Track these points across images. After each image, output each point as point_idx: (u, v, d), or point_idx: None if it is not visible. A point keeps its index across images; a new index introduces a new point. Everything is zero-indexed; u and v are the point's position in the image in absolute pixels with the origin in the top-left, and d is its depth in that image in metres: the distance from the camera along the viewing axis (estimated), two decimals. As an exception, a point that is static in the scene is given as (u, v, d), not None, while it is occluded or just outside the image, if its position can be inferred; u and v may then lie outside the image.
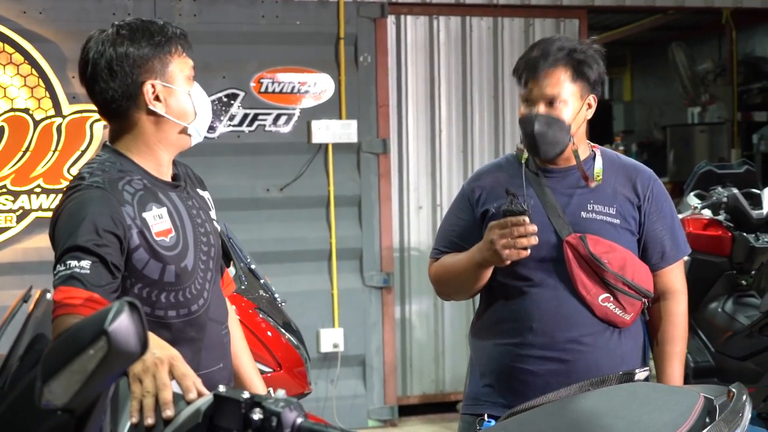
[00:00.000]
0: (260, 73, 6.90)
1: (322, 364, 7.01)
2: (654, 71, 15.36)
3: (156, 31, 2.77)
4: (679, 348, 3.43)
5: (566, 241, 3.25)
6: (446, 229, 3.49)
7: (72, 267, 2.53)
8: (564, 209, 3.30)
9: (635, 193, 3.37)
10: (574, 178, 3.35)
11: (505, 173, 3.42)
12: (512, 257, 3.10)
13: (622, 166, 3.43)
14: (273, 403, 1.74)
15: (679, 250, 3.44)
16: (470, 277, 3.31)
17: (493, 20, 7.49)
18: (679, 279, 3.45)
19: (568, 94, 3.27)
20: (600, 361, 3.28)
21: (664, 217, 3.40)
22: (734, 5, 8.31)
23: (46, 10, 6.49)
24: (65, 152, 6.46)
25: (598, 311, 3.27)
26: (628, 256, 3.30)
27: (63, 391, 1.59)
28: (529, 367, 3.30)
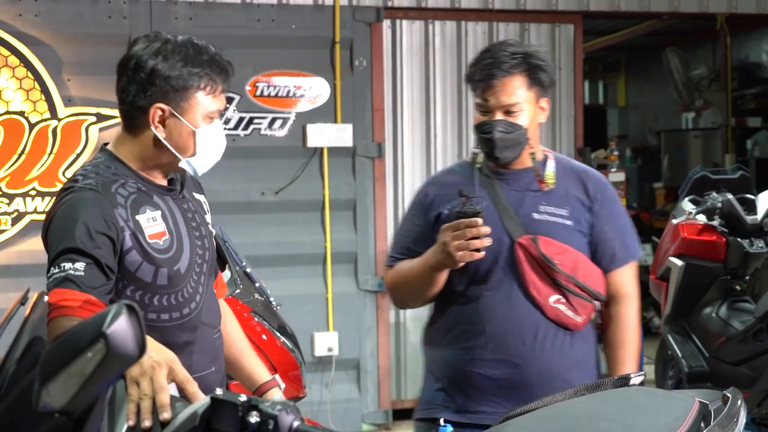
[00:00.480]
0: (256, 76, 6.90)
1: (316, 367, 7.01)
2: (648, 76, 15.36)
3: (197, 60, 2.74)
4: (630, 352, 3.43)
5: (518, 243, 3.27)
6: (401, 236, 3.49)
7: (66, 269, 2.53)
8: (516, 211, 3.31)
9: (586, 195, 3.38)
10: (526, 180, 3.37)
11: (458, 177, 3.43)
12: (465, 259, 3.10)
13: (574, 170, 3.45)
14: (270, 407, 1.74)
15: (629, 254, 3.45)
16: (425, 282, 3.30)
17: (488, 25, 7.49)
18: (629, 283, 3.45)
19: (524, 101, 3.27)
20: (552, 364, 3.30)
21: (614, 220, 3.42)
22: (729, 11, 8.33)
23: (42, 13, 6.48)
24: (60, 155, 6.46)
25: (549, 313, 3.28)
26: (580, 258, 3.32)
27: (61, 393, 1.59)
28: (481, 371, 3.31)
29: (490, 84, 3.25)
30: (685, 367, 6.02)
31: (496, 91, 3.25)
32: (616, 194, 3.50)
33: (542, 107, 3.35)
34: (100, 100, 6.36)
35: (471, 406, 3.33)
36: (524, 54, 3.28)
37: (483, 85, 3.27)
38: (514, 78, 3.25)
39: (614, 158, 9.35)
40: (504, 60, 3.25)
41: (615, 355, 3.43)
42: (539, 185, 3.35)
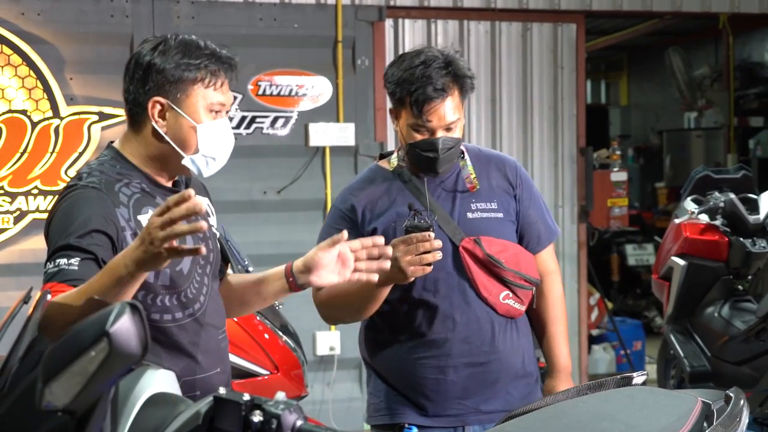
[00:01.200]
0: (258, 75, 6.90)
1: (318, 366, 7.01)
2: (650, 76, 15.36)
3: (194, 54, 2.74)
4: (561, 327, 3.52)
5: (462, 247, 3.30)
6: None
7: (60, 265, 2.55)
8: (451, 214, 3.33)
9: (508, 183, 3.42)
10: (451, 181, 3.38)
11: (380, 187, 3.40)
12: (417, 274, 3.07)
13: (488, 159, 3.47)
14: (273, 406, 1.74)
15: (552, 233, 3.52)
16: (368, 298, 3.23)
17: (490, 24, 7.49)
18: (552, 260, 3.54)
19: (459, 114, 3.28)
20: (510, 356, 3.37)
21: (535, 202, 3.48)
22: (731, 10, 8.32)
23: (45, 11, 6.49)
24: (63, 154, 6.46)
25: (500, 309, 3.35)
26: (519, 251, 3.39)
27: (64, 392, 1.59)
28: (446, 377, 3.34)
29: (430, 105, 3.21)
30: (687, 366, 6.02)
31: (437, 111, 3.22)
32: (528, 175, 3.54)
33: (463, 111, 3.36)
34: (103, 99, 6.36)
35: (437, 410, 3.35)
36: (449, 64, 3.26)
37: (423, 107, 3.21)
38: (451, 96, 3.24)
39: (616, 158, 9.35)
40: (437, 77, 3.22)
41: (548, 332, 3.51)
42: (469, 189, 3.37)
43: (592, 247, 8.56)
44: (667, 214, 10.62)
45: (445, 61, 3.26)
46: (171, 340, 2.73)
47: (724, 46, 12.01)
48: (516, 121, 7.64)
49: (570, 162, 7.78)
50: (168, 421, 1.84)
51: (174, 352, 2.74)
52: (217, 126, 2.78)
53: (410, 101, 3.23)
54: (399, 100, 3.28)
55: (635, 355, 8.54)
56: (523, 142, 7.63)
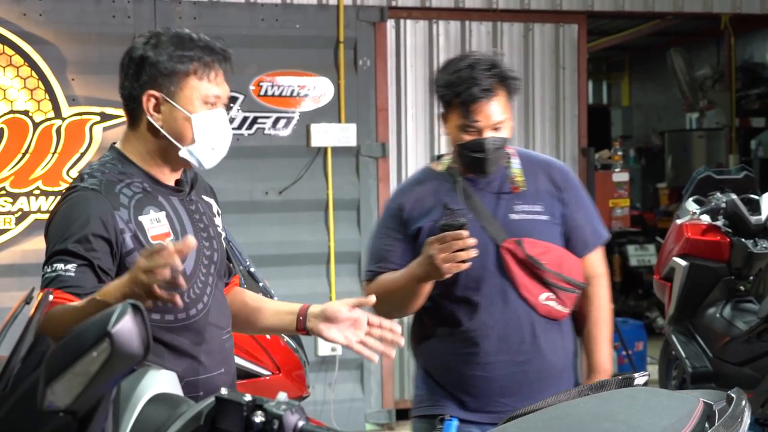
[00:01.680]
0: (260, 76, 6.90)
1: (320, 367, 7.01)
2: (652, 77, 15.36)
3: (187, 46, 2.73)
4: (605, 330, 3.56)
5: (503, 247, 3.36)
6: (379, 250, 3.52)
7: (57, 270, 2.55)
8: (494, 214, 3.39)
9: (555, 186, 3.47)
10: (497, 182, 3.44)
11: (430, 187, 3.47)
12: (452, 271, 3.14)
13: (538, 163, 3.54)
14: (275, 406, 1.74)
15: (599, 237, 3.56)
16: (410, 294, 3.34)
17: (492, 25, 7.49)
18: (600, 263, 3.58)
19: (507, 115, 3.35)
20: (550, 357, 3.43)
21: (583, 206, 3.53)
22: (733, 11, 8.32)
23: (46, 12, 6.49)
24: (64, 154, 6.47)
25: (541, 310, 3.40)
26: (562, 254, 3.43)
27: (66, 392, 1.59)
28: (485, 373, 3.40)
29: (478, 105, 3.29)
30: (689, 367, 6.01)
31: (484, 111, 3.30)
32: (579, 181, 3.61)
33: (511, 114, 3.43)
34: (105, 100, 6.36)
35: (477, 406, 3.42)
36: (495, 67, 3.34)
37: (470, 107, 3.29)
38: (499, 97, 3.32)
39: (618, 158, 9.35)
40: (483, 79, 3.30)
41: (591, 334, 3.55)
42: (512, 190, 3.42)
43: (594, 248, 8.53)
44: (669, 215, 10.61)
45: (491, 64, 3.35)
46: (174, 341, 2.72)
47: (726, 47, 12.01)
48: (518, 121, 7.63)
49: (572, 162, 7.78)
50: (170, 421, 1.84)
51: (177, 352, 2.74)
52: (213, 116, 2.77)
53: (458, 102, 3.31)
54: (447, 103, 3.36)
55: (637, 356, 8.54)
56: (525, 143, 7.63)
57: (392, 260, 3.44)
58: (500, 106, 3.31)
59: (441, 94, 3.38)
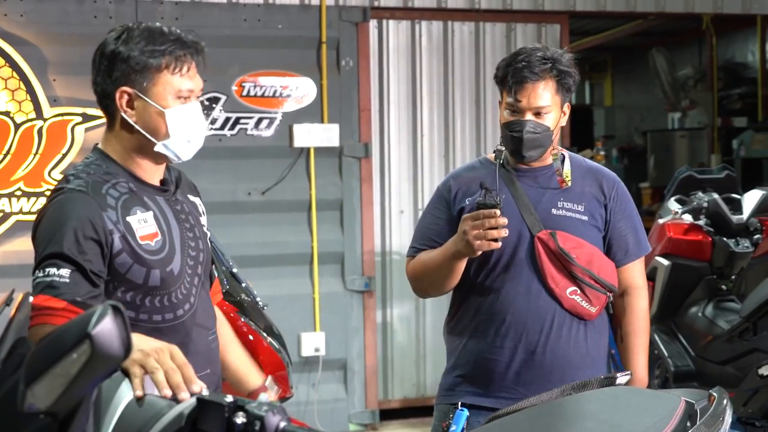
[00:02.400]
0: (242, 76, 6.89)
1: (303, 368, 7.01)
2: (634, 77, 15.40)
3: (158, 40, 2.72)
4: (642, 340, 3.66)
5: (537, 237, 3.45)
6: (423, 228, 3.63)
7: (51, 275, 2.53)
8: (536, 207, 3.48)
9: (602, 193, 3.57)
10: (545, 177, 3.55)
11: (480, 173, 3.58)
12: (483, 248, 3.24)
13: (589, 169, 3.64)
14: (256, 407, 1.74)
15: (641, 248, 3.65)
16: (445, 270, 3.44)
17: (474, 25, 7.50)
18: (639, 275, 3.67)
19: (552, 104, 3.44)
20: (568, 352, 3.49)
21: (628, 216, 3.62)
22: (714, 11, 8.34)
23: (27, 12, 6.47)
24: (46, 155, 6.44)
25: (566, 303, 3.47)
26: (595, 252, 3.50)
27: (46, 394, 1.59)
28: (500, 357, 3.49)
29: (523, 86, 3.41)
30: (671, 366, 6.03)
31: (528, 93, 3.42)
32: (627, 192, 3.69)
33: (564, 111, 3.54)
34: (86, 101, 6.33)
35: (490, 391, 3.51)
36: (554, 59, 3.45)
37: (516, 87, 3.42)
38: (546, 82, 3.42)
39: (601, 158, 9.39)
40: (536, 64, 3.42)
41: (629, 343, 3.67)
42: (559, 184, 3.52)
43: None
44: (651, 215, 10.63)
45: (551, 56, 3.45)
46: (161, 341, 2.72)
47: (708, 47, 12.06)
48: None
49: (554, 162, 7.79)
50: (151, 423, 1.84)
51: None
52: (186, 110, 2.76)
53: (508, 81, 3.44)
54: (501, 81, 3.49)
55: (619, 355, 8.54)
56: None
57: (434, 238, 3.54)
58: (546, 93, 3.42)
59: (496, 74, 3.52)
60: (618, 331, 3.69)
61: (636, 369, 3.62)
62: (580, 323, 3.51)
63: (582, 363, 3.51)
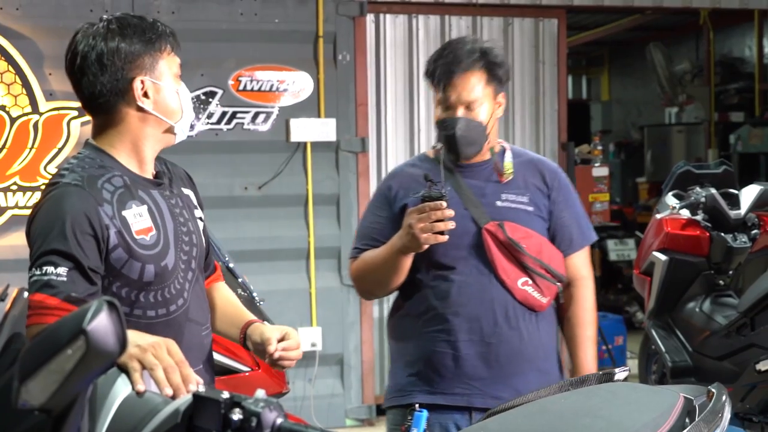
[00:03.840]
0: (239, 71, 6.88)
1: (299, 363, 6.90)
2: (632, 71, 15.41)
3: (147, 27, 2.77)
4: (589, 332, 3.60)
5: (485, 229, 3.41)
6: (365, 228, 3.58)
7: (48, 273, 2.51)
8: (480, 199, 3.45)
9: (544, 183, 3.53)
10: (486, 172, 3.51)
11: (420, 170, 3.51)
12: (429, 241, 3.21)
13: (530, 160, 3.61)
14: (253, 403, 1.73)
15: (585, 238, 3.61)
16: (391, 267, 3.40)
17: (472, 19, 7.49)
18: (585, 265, 3.62)
19: (483, 96, 3.40)
20: (522, 344, 3.45)
21: (571, 206, 3.58)
22: (712, 6, 8.34)
23: (23, 6, 6.45)
24: (42, 149, 6.42)
25: (518, 295, 3.43)
26: (543, 241, 3.48)
27: (40, 391, 1.58)
28: (455, 351, 3.44)
29: (451, 80, 3.37)
30: (668, 362, 6.03)
31: (457, 86, 3.37)
32: (569, 181, 3.66)
33: (499, 102, 3.49)
34: (82, 95, 6.31)
35: (445, 387, 3.45)
36: (482, 51, 3.42)
37: (444, 82, 3.38)
38: (474, 74, 3.38)
39: (598, 153, 9.37)
40: (463, 57, 3.38)
41: (575, 335, 3.60)
42: (498, 178, 3.48)
43: (574, 243, 8.55)
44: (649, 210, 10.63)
45: (478, 48, 3.42)
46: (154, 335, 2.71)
47: (705, 42, 12.07)
48: (497, 116, 7.63)
49: (551, 157, 7.78)
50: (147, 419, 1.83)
51: None
52: (185, 87, 2.86)
53: (435, 75, 3.40)
54: (430, 77, 3.45)
55: (617, 350, 8.55)
56: (505, 137, 7.62)
57: (377, 237, 3.49)
58: (475, 86, 3.37)
59: (425, 71, 3.48)
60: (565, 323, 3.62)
61: (583, 362, 3.56)
62: (533, 314, 3.46)
63: (535, 355, 3.47)
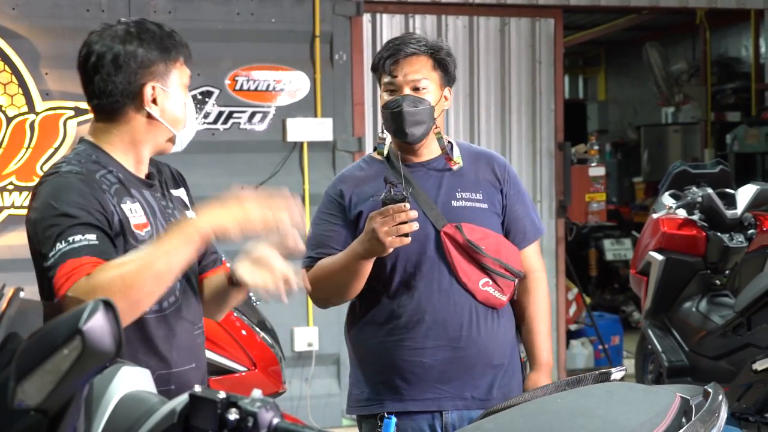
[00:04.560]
0: (235, 70, 6.87)
1: (296, 363, 7.00)
2: (628, 71, 15.42)
3: (164, 36, 2.79)
4: (545, 325, 3.59)
5: (443, 232, 3.38)
6: (318, 236, 3.49)
7: (77, 240, 2.47)
8: (435, 201, 3.42)
9: (495, 177, 3.51)
10: (437, 167, 3.48)
11: (369, 172, 3.50)
12: (394, 244, 3.16)
13: (478, 154, 3.59)
14: (249, 403, 1.72)
15: (537, 230, 3.62)
16: (351, 274, 3.33)
17: (468, 19, 7.49)
18: (537, 258, 3.63)
19: (429, 80, 3.42)
20: (487, 344, 3.43)
21: (521, 199, 3.56)
22: (708, 6, 8.35)
23: (20, 6, 6.44)
24: (38, 149, 6.42)
25: (479, 296, 3.41)
26: (501, 240, 3.46)
27: (36, 390, 1.57)
28: (423, 359, 3.40)
29: (397, 61, 3.39)
30: (665, 361, 6.03)
31: (403, 67, 3.40)
32: (517, 173, 3.64)
33: (446, 96, 3.51)
34: (79, 94, 6.23)
35: (415, 394, 3.41)
36: (427, 41, 3.46)
37: (390, 62, 3.40)
38: (420, 58, 3.41)
39: (594, 153, 9.37)
40: (409, 43, 3.42)
41: (531, 328, 3.59)
42: (447, 162, 3.46)
43: (570, 242, 8.57)
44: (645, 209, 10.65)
45: (426, 41, 3.46)
46: (143, 335, 2.71)
47: (702, 42, 12.07)
48: (494, 116, 7.64)
49: (548, 157, 7.79)
50: (143, 419, 1.83)
51: (147, 346, 2.72)
52: (190, 99, 2.88)
53: (382, 61, 3.43)
54: (377, 66, 3.47)
55: (613, 350, 8.56)
56: (501, 137, 7.63)
57: (332, 245, 3.43)
58: (421, 67, 3.39)
59: (373, 63, 3.51)
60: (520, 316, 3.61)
61: (540, 353, 3.55)
62: (494, 313, 3.44)
63: (500, 351, 3.45)
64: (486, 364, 3.42)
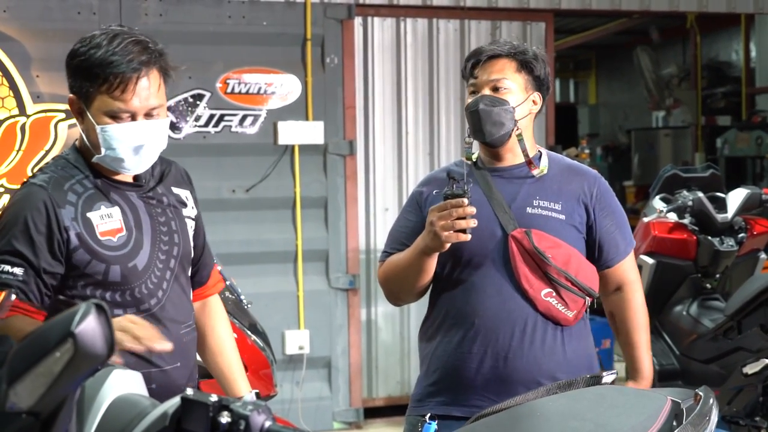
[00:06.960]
0: (226, 73, 6.87)
1: (287, 366, 6.99)
2: (619, 75, 15.45)
3: (117, 58, 2.71)
4: (644, 336, 3.53)
5: (511, 236, 3.29)
6: (395, 231, 3.50)
7: (5, 272, 2.64)
8: (510, 204, 3.34)
9: (582, 191, 3.42)
10: (520, 173, 3.41)
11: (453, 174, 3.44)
12: (451, 239, 3.09)
13: (568, 167, 3.52)
14: (241, 407, 1.73)
15: (629, 243, 3.53)
16: (415, 269, 3.28)
17: (459, 22, 7.50)
18: (633, 270, 3.55)
19: (511, 82, 3.35)
20: (542, 359, 3.29)
21: (612, 213, 3.47)
22: (699, 10, 8.36)
23: (10, 8, 6.43)
24: (29, 152, 6.41)
25: (540, 306, 3.28)
26: (573, 253, 3.33)
27: (28, 393, 1.57)
28: (470, 364, 3.31)
29: (479, 60, 3.36)
30: (656, 365, 6.03)
31: (485, 68, 3.35)
32: (609, 187, 3.56)
33: (534, 100, 3.43)
34: (70, 97, 6.31)
35: (460, 399, 3.33)
36: (514, 45, 3.40)
37: (472, 62, 3.37)
38: (502, 59, 3.36)
39: (585, 156, 9.39)
40: (494, 45, 3.39)
41: (631, 340, 3.52)
42: (529, 167, 3.38)
43: (561, 246, 8.57)
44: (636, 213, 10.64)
45: (510, 44, 3.42)
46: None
47: (692, 46, 12.10)
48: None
49: (539, 161, 7.80)
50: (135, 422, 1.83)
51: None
52: (119, 130, 2.75)
53: (467, 64, 3.42)
54: (463, 73, 3.47)
55: (604, 354, 8.56)
56: (493, 141, 7.64)
57: (404, 241, 3.39)
58: (502, 68, 3.35)
59: (462, 73, 3.49)
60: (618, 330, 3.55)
61: (642, 366, 3.49)
62: (557, 329, 3.31)
63: (558, 370, 3.29)
64: (537, 380, 3.24)
